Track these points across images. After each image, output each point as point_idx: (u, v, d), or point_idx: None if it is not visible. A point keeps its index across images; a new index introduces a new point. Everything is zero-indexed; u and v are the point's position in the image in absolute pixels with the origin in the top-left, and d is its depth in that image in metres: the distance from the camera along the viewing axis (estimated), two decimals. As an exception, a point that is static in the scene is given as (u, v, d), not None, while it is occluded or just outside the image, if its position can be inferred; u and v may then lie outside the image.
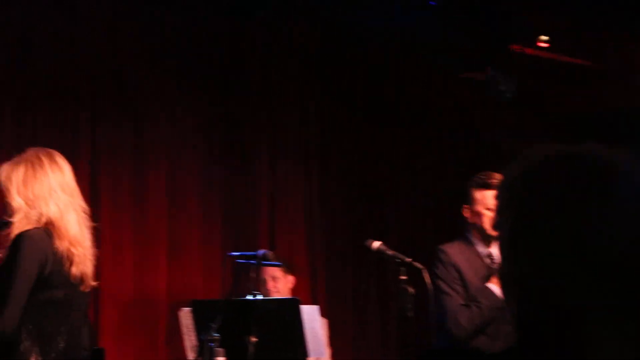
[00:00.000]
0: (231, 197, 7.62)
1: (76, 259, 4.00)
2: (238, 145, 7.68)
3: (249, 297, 5.58)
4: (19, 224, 3.98)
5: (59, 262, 3.96)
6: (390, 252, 4.93)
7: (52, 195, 4.03)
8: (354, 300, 7.81)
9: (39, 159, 4.12)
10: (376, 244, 5.01)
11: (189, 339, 6.17)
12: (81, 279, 4.04)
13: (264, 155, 7.71)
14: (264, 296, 6.34)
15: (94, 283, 4.15)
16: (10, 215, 4.04)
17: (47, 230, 3.98)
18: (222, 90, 7.62)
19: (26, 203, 4.01)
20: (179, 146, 7.41)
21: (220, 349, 5.07)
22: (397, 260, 4.85)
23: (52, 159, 4.16)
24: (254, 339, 5.39)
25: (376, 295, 7.84)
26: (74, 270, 4.00)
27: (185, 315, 6.20)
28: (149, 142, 7.27)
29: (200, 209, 7.44)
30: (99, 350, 5.63)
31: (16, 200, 4.01)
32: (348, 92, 7.96)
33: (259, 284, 6.63)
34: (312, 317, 5.86)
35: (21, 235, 3.94)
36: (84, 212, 4.17)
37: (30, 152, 4.16)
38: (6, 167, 4.10)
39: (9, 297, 3.88)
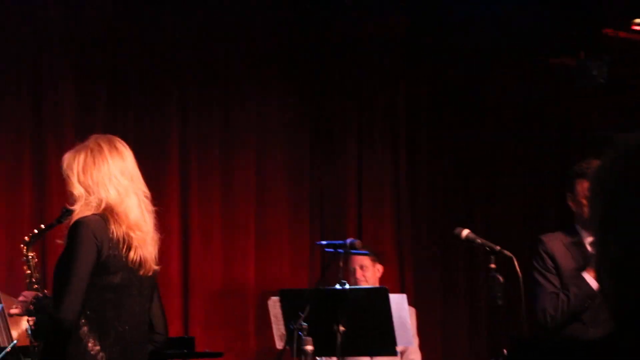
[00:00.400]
0: (319, 186, 7.61)
1: (134, 243, 3.97)
2: (326, 134, 7.67)
3: (337, 286, 5.57)
4: (79, 211, 3.97)
5: (115, 247, 3.93)
6: (479, 241, 4.87)
7: (111, 180, 4.01)
8: (442, 289, 7.74)
9: (99, 146, 4.09)
10: (465, 232, 4.95)
11: (278, 328, 6.17)
12: (140, 264, 4.00)
13: (352, 144, 7.68)
14: (352, 285, 6.33)
15: (156, 267, 4.10)
16: (73, 204, 4.04)
17: (104, 216, 3.96)
18: (311, 78, 7.61)
19: (86, 190, 3.99)
20: (267, 135, 7.42)
21: (308, 338, 5.06)
22: (487, 248, 4.79)
23: (111, 145, 4.13)
24: (342, 328, 5.38)
25: (465, 284, 7.76)
26: (132, 254, 3.97)
27: (274, 305, 6.21)
28: (238, 132, 7.30)
29: (288, 198, 7.45)
30: (189, 339, 5.68)
31: (77, 188, 4.00)
32: (436, 79, 7.87)
33: (347, 273, 6.63)
34: (400, 306, 5.82)
35: (76, 223, 3.94)
36: (146, 196, 4.14)
37: (91, 139, 4.14)
38: (68, 155, 4.10)
39: (68, 286, 3.88)
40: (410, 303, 6.35)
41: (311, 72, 7.61)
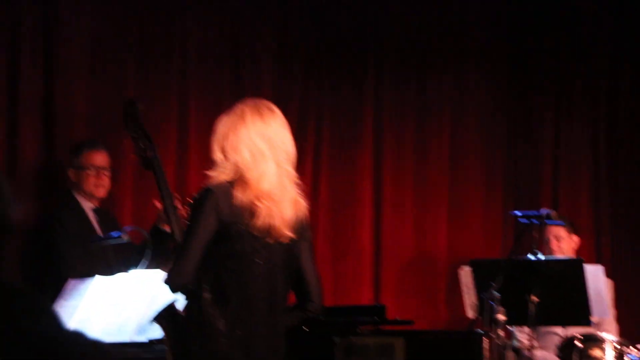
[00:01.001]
0: (514, 157, 7.51)
1: (260, 212, 3.81)
2: (522, 104, 7.55)
3: (531, 256, 5.49)
4: (214, 177, 3.88)
5: (238, 215, 3.81)
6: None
7: (247, 144, 3.86)
8: (640, 262, 7.51)
9: (242, 110, 3.94)
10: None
11: (469, 298, 6.14)
12: (268, 232, 3.85)
13: (549, 114, 7.53)
14: (546, 256, 6.24)
15: (290, 234, 3.88)
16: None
17: (233, 182, 3.85)
18: (510, 52, 7.50)
19: (224, 155, 3.89)
20: (462, 107, 7.36)
21: (500, 308, 5.02)
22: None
23: (255, 108, 3.95)
24: (535, 299, 5.32)
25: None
26: (258, 223, 3.82)
27: (466, 274, 6.17)
28: (433, 100, 7.27)
29: (482, 168, 7.38)
30: (381, 307, 5.71)
31: (216, 152, 3.90)
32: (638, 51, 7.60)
33: (542, 244, 6.53)
34: (596, 277, 5.70)
35: (203, 190, 3.87)
36: (290, 165, 3.94)
37: (238, 104, 4.01)
38: (217, 122, 4.00)
39: (183, 251, 3.84)
40: (607, 275, 6.20)
41: (510, 45, 7.50)
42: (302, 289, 4.03)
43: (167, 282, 3.84)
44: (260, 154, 3.86)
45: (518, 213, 5.77)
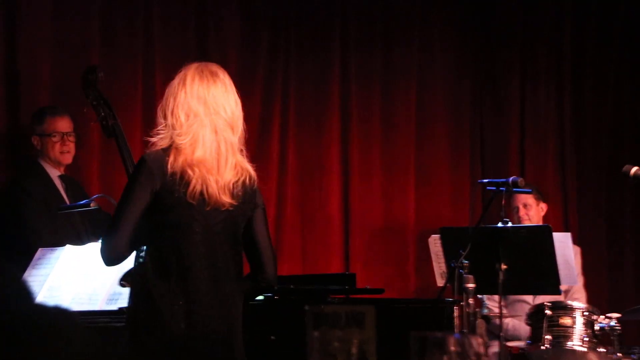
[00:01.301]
0: (480, 123, 7.51)
1: (193, 180, 3.71)
2: (488, 70, 7.55)
3: (499, 224, 5.49)
4: (154, 143, 3.79)
5: (171, 183, 3.72)
6: (649, 177, 4.70)
7: (183, 107, 3.76)
8: (608, 228, 7.54)
9: (184, 73, 3.83)
10: (634, 169, 4.80)
11: (438, 266, 6.14)
12: (204, 200, 3.74)
13: (515, 81, 7.54)
14: (514, 224, 6.24)
15: (229, 200, 3.76)
16: None
17: (166, 149, 3.75)
18: (473, 14, 7.48)
19: (165, 120, 3.79)
20: (429, 75, 7.34)
21: (469, 276, 5.02)
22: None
23: (197, 72, 3.82)
24: (504, 266, 5.32)
25: (632, 223, 7.54)
26: (190, 190, 3.72)
27: (434, 242, 6.18)
28: (399, 68, 7.25)
29: (449, 138, 7.38)
30: (351, 275, 5.70)
31: (159, 118, 3.81)
32: (604, 17, 7.60)
33: (510, 211, 6.54)
34: (564, 245, 5.72)
35: (139, 159, 3.79)
36: (230, 131, 3.80)
37: (184, 67, 3.88)
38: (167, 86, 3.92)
39: (114, 224, 3.75)
40: (575, 242, 6.22)
41: (475, 11, 7.49)
42: (254, 258, 3.95)
43: (101, 256, 3.78)
44: (195, 117, 3.75)
45: (485, 181, 5.76)
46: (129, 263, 3.91)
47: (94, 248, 4.54)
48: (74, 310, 3.04)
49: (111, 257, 3.79)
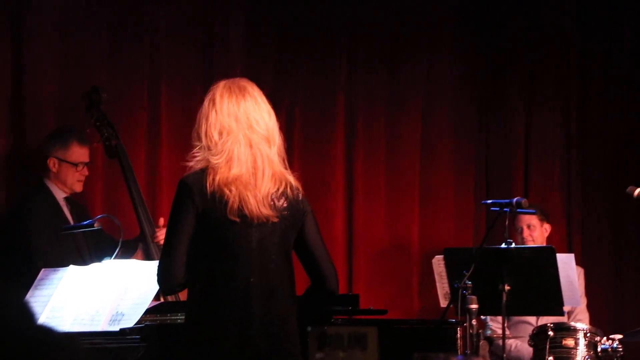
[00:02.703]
0: (485, 144, 7.51)
1: (230, 199, 3.70)
2: (494, 92, 7.55)
3: (503, 245, 5.50)
4: (190, 167, 3.79)
5: (212, 203, 3.70)
6: (652, 199, 4.71)
7: (216, 127, 3.74)
8: (612, 250, 7.53)
9: (213, 93, 3.81)
10: (638, 190, 4.81)
11: (442, 287, 6.14)
12: (244, 216, 3.72)
13: (520, 102, 7.54)
14: (518, 244, 6.24)
15: (269, 212, 3.74)
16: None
17: (204, 170, 3.73)
18: (481, 39, 7.50)
19: (199, 143, 3.78)
20: (434, 94, 7.35)
21: (473, 297, 5.02)
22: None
23: (225, 89, 3.83)
24: (507, 287, 5.32)
25: (636, 244, 7.53)
26: (229, 208, 3.70)
27: (438, 263, 6.18)
28: (404, 88, 7.25)
29: (453, 158, 7.37)
30: (354, 296, 5.69)
31: (194, 142, 3.80)
32: (610, 37, 7.60)
33: (514, 232, 6.55)
34: (567, 266, 5.72)
35: (178, 184, 3.79)
36: (266, 144, 3.79)
37: (212, 87, 3.87)
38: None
39: (167, 251, 3.75)
40: (578, 263, 6.22)
41: (481, 32, 7.50)
42: (313, 271, 3.92)
43: (159, 286, 3.79)
44: (228, 135, 3.74)
45: (489, 202, 5.77)
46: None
47: (97, 269, 4.55)
48: (75, 332, 3.05)
49: (170, 285, 3.79)
